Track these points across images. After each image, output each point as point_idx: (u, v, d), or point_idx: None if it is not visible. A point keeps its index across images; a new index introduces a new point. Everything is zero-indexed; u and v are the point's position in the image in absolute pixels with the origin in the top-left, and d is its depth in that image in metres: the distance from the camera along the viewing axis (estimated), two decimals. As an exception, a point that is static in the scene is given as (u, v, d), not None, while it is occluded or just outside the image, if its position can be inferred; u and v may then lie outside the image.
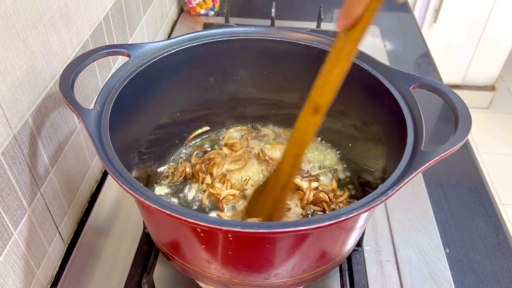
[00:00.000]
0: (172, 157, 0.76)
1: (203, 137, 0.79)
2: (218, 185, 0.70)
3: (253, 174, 0.73)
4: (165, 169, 0.73)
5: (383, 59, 1.16)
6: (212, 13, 1.28)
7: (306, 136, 0.50)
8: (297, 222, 0.41)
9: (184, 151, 0.77)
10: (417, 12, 2.26)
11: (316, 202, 0.68)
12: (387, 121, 0.60)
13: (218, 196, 0.68)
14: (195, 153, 0.76)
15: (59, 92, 0.62)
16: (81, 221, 0.73)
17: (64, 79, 0.53)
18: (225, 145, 0.77)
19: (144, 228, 0.68)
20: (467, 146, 0.90)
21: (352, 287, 0.62)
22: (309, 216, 0.66)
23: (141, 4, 0.96)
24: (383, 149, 0.62)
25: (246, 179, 0.71)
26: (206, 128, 0.79)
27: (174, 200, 0.70)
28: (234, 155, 0.75)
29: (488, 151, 2.15)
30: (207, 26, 1.18)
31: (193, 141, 0.78)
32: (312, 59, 0.52)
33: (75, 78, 0.54)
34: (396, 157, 0.51)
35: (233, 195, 0.69)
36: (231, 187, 0.70)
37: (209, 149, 0.77)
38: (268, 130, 0.81)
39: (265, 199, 0.59)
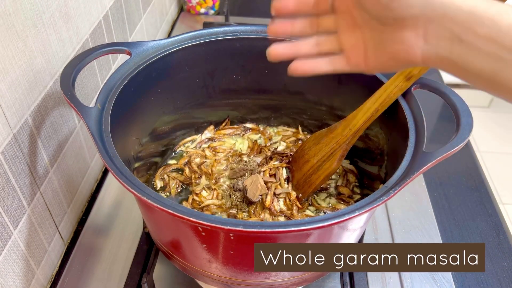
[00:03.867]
0: (173, 155, 0.76)
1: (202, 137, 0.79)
2: (204, 192, 0.68)
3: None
4: (159, 180, 0.71)
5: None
6: (212, 12, 1.28)
7: (392, 97, 0.56)
8: (299, 221, 0.41)
9: (184, 149, 0.77)
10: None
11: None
12: (388, 122, 0.60)
13: (200, 204, 0.66)
14: (193, 156, 0.75)
15: (58, 92, 0.62)
16: (81, 220, 0.73)
17: (65, 76, 0.53)
18: (209, 147, 0.76)
19: (144, 227, 0.68)
20: (467, 145, 0.90)
21: (352, 286, 0.62)
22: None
23: (141, 3, 0.96)
24: (385, 149, 0.62)
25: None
26: (210, 127, 0.79)
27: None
28: (213, 158, 0.74)
29: (488, 150, 2.15)
30: (207, 25, 1.18)
31: (193, 141, 0.78)
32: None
33: (76, 76, 0.54)
34: (398, 157, 0.51)
35: (218, 206, 0.66)
36: (217, 197, 0.67)
37: (208, 149, 0.77)
38: (269, 130, 0.80)
39: (329, 141, 0.62)
